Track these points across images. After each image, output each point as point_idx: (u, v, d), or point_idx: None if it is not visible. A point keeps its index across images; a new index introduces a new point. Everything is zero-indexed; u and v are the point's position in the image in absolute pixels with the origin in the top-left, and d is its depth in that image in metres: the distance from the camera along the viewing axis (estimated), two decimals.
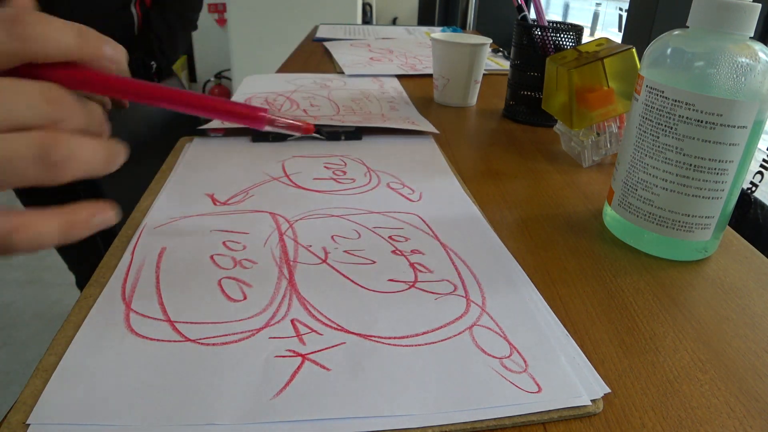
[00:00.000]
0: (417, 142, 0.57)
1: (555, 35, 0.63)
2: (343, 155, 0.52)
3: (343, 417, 0.24)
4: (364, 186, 0.46)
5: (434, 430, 0.23)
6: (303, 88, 0.74)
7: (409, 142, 0.57)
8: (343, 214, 0.41)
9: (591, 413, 0.25)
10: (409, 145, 0.56)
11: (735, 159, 0.34)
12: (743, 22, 0.33)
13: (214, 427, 0.23)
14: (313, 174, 0.48)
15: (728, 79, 0.33)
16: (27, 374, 1.25)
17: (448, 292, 0.32)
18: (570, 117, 0.52)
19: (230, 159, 0.50)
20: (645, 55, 0.38)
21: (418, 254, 0.36)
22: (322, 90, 0.74)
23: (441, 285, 0.33)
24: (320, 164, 0.50)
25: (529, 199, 0.46)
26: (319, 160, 0.51)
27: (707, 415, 0.25)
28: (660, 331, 0.31)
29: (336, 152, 0.53)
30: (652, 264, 0.38)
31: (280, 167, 0.49)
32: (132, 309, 0.29)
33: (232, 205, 0.42)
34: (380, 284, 0.33)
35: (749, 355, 0.29)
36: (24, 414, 0.23)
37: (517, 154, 0.56)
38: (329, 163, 0.50)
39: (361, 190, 0.45)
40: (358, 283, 0.33)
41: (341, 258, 0.35)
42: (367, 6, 3.30)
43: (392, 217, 0.41)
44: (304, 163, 0.50)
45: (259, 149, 0.53)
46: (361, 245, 0.37)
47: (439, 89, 0.72)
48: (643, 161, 0.37)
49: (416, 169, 0.50)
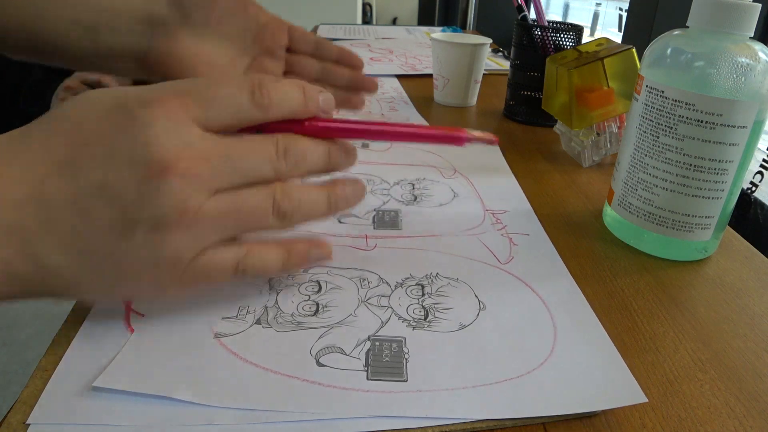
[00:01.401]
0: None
1: (555, 35, 0.63)
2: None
3: (343, 417, 0.24)
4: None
5: (434, 430, 0.23)
6: None
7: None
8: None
9: (591, 413, 0.25)
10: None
11: (735, 159, 0.34)
12: (743, 22, 0.33)
13: (214, 427, 0.23)
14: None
15: (728, 79, 0.33)
16: (27, 374, 1.25)
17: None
18: (570, 117, 0.52)
19: None
20: (645, 55, 0.37)
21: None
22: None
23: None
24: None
25: (529, 199, 0.46)
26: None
27: (707, 415, 0.25)
28: (660, 331, 0.31)
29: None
30: (652, 264, 0.38)
31: None
32: (132, 309, 0.29)
33: None
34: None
35: (749, 355, 0.29)
36: (24, 414, 0.23)
37: (517, 154, 0.56)
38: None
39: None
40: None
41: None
42: (367, 6, 3.30)
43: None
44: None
45: None
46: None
47: (439, 89, 0.72)
48: (643, 161, 0.37)
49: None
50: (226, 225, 0.25)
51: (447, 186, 0.47)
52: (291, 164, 0.27)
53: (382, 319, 0.30)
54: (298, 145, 0.27)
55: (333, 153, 0.29)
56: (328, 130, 0.28)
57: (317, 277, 0.33)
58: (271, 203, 0.26)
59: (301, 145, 0.27)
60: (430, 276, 0.34)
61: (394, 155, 0.53)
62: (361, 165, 0.50)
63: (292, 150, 0.27)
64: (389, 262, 0.35)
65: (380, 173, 0.48)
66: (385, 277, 0.33)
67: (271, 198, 0.26)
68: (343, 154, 0.29)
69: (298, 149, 0.27)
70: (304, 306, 0.30)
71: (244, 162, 0.25)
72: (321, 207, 0.28)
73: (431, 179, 0.48)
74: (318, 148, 0.28)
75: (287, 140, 0.27)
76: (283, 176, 0.27)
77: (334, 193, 0.29)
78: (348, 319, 0.29)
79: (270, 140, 0.26)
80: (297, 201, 0.27)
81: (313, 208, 0.28)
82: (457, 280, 0.33)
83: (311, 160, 0.28)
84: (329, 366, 0.26)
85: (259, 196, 0.26)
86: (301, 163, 0.27)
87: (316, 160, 0.28)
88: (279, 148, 0.26)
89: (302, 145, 0.27)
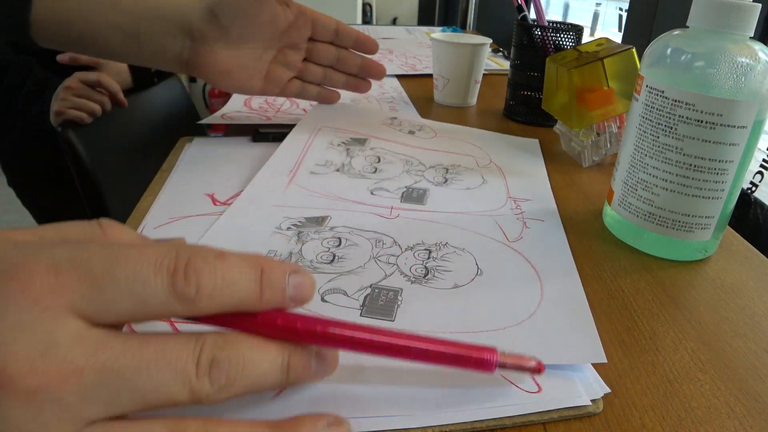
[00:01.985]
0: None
1: (555, 35, 0.63)
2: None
3: (343, 417, 0.24)
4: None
5: (434, 430, 0.23)
6: None
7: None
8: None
9: (591, 413, 0.25)
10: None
11: (735, 159, 0.34)
12: (743, 22, 0.33)
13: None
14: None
15: (728, 79, 0.33)
16: None
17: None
18: (570, 117, 0.52)
19: (230, 159, 0.50)
20: (645, 55, 0.37)
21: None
22: None
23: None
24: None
25: None
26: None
27: (707, 415, 0.25)
28: (660, 331, 0.31)
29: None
30: (652, 264, 0.38)
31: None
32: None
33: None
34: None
35: (749, 355, 0.29)
36: None
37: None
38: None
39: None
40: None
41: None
42: (367, 6, 3.30)
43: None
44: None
45: (260, 149, 0.52)
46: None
47: (439, 89, 0.72)
48: (643, 161, 0.37)
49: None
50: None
51: (479, 174, 0.49)
52: (219, 383, 0.18)
53: (386, 272, 0.33)
54: (237, 352, 0.18)
55: (295, 362, 0.20)
56: (293, 331, 0.20)
57: (340, 234, 0.37)
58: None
59: (242, 350, 0.18)
60: (439, 244, 0.37)
61: (439, 142, 0.56)
62: (401, 146, 0.53)
63: (224, 360, 0.18)
64: (406, 230, 0.38)
65: (420, 156, 0.51)
66: (399, 241, 0.37)
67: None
68: (313, 361, 0.21)
69: (234, 357, 0.18)
70: (323, 255, 0.34)
71: (142, 379, 0.17)
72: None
73: (466, 166, 0.50)
74: (268, 355, 0.19)
75: (219, 343, 0.18)
76: (203, 400, 0.18)
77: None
78: (356, 270, 0.33)
79: (190, 343, 0.18)
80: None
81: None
82: (464, 250, 0.36)
83: (255, 373, 0.19)
84: (331, 303, 0.30)
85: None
86: (237, 378, 0.18)
87: (263, 372, 0.19)
88: (203, 357, 0.18)
89: (243, 351, 0.18)
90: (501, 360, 0.23)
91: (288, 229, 0.37)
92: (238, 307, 0.19)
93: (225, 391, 0.18)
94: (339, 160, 0.48)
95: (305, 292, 0.20)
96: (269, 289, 0.19)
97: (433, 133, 0.58)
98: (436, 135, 0.57)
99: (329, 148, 0.50)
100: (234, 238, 0.36)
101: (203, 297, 0.18)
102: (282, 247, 0.35)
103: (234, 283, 0.18)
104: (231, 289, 0.18)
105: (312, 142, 0.50)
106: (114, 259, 0.17)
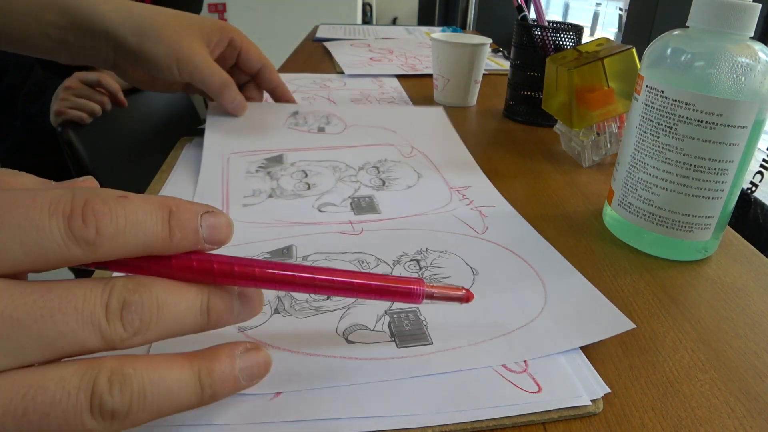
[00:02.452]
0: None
1: (555, 35, 0.63)
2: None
3: (343, 417, 0.24)
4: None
5: (434, 430, 0.23)
6: (303, 89, 0.74)
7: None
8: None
9: (591, 413, 0.25)
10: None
11: (735, 159, 0.34)
12: (743, 22, 0.33)
13: (214, 427, 0.23)
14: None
15: (728, 79, 0.33)
16: None
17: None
18: (570, 117, 0.52)
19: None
20: (645, 55, 0.38)
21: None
22: (322, 90, 0.74)
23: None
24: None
25: (529, 199, 0.46)
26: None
27: (707, 415, 0.25)
28: (660, 331, 0.31)
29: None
30: (652, 264, 0.38)
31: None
32: None
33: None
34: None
35: (749, 355, 0.29)
36: None
37: (517, 154, 0.56)
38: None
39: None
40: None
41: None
42: (367, 6, 3.30)
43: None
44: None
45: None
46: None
47: (439, 89, 0.72)
48: (643, 161, 0.37)
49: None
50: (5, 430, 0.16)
51: (409, 167, 0.49)
52: (133, 326, 0.17)
53: None
54: (151, 295, 0.18)
55: (216, 304, 0.20)
56: (210, 272, 0.19)
57: (320, 262, 0.34)
58: (88, 395, 0.16)
59: (156, 292, 0.18)
60: (421, 251, 0.36)
61: (353, 135, 0.55)
62: (319, 151, 0.51)
63: (136, 302, 0.17)
64: (380, 244, 0.37)
65: (343, 158, 0.50)
66: (381, 257, 0.35)
67: (88, 385, 0.16)
68: (236, 303, 0.20)
69: (147, 300, 0.18)
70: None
71: (46, 326, 0.16)
72: (183, 398, 0.18)
73: (393, 160, 0.50)
74: (185, 297, 0.19)
75: (130, 286, 0.17)
76: (118, 345, 0.17)
77: (211, 375, 0.19)
78: (359, 300, 0.30)
79: (98, 288, 0.17)
80: (138, 391, 0.17)
81: (168, 401, 0.18)
82: (446, 252, 0.36)
83: (172, 316, 0.18)
84: (359, 342, 0.28)
85: (67, 383, 0.16)
86: (152, 321, 0.18)
87: (181, 314, 0.18)
88: (112, 300, 0.17)
89: (157, 294, 0.18)
90: (428, 291, 0.24)
91: None
92: (147, 251, 0.18)
93: (141, 336, 0.17)
94: (266, 186, 0.44)
95: (221, 233, 0.19)
96: (179, 231, 0.18)
97: (342, 124, 0.57)
98: (346, 127, 0.56)
99: (249, 177, 0.45)
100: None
101: (104, 240, 0.17)
102: (264, 294, 0.32)
103: (138, 224, 0.17)
104: (135, 230, 0.17)
105: (228, 175, 0.45)
106: (4, 205, 0.16)
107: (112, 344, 0.17)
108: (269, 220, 0.39)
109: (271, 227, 0.38)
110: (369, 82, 0.81)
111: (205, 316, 0.19)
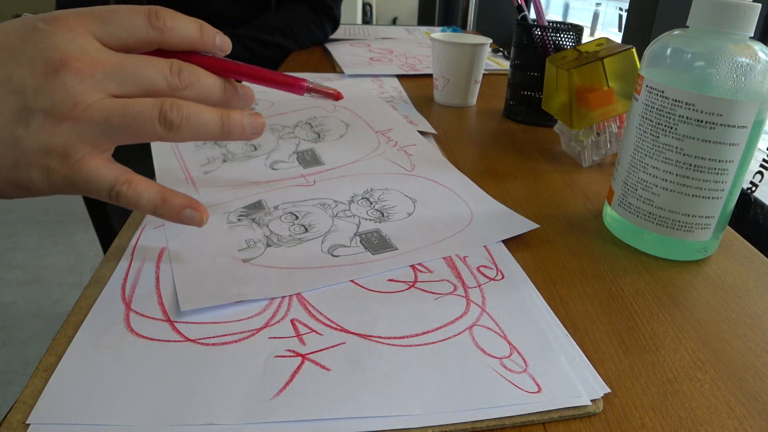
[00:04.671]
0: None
1: (555, 35, 0.63)
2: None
3: (342, 417, 0.24)
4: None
5: (434, 430, 0.23)
6: None
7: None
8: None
9: (591, 413, 0.25)
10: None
11: (735, 159, 0.34)
12: (743, 22, 0.33)
13: (214, 427, 0.23)
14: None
15: (728, 79, 0.33)
16: (27, 374, 1.25)
17: (448, 292, 0.33)
18: (570, 117, 0.52)
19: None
20: (645, 55, 0.37)
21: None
22: None
23: (441, 285, 0.33)
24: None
25: (529, 199, 0.46)
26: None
27: (707, 415, 0.25)
28: (660, 331, 0.31)
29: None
30: (652, 264, 0.38)
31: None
32: (132, 309, 0.29)
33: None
34: (380, 284, 0.33)
35: (749, 355, 0.29)
36: (24, 414, 0.23)
37: (517, 154, 0.56)
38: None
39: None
40: (358, 283, 0.33)
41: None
42: (367, 6, 3.30)
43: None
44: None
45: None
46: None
47: (439, 89, 0.72)
48: (643, 161, 0.37)
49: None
50: (112, 124, 0.27)
51: (337, 119, 0.57)
52: (185, 82, 0.29)
53: (355, 222, 0.39)
54: (193, 69, 0.29)
55: (228, 88, 0.31)
56: (223, 68, 0.31)
57: (289, 209, 0.41)
58: (158, 111, 0.27)
59: (196, 70, 0.29)
60: (368, 191, 0.44)
61: (279, 108, 0.60)
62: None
63: (187, 71, 0.29)
64: (333, 189, 0.44)
65: (278, 122, 0.56)
66: (339, 199, 0.42)
67: (158, 106, 0.27)
68: (240, 92, 0.32)
69: (192, 72, 0.29)
70: (295, 228, 0.38)
71: (138, 71, 0.27)
72: (212, 127, 0.29)
73: (321, 116, 0.58)
74: (212, 78, 0.30)
75: (182, 63, 0.29)
76: (176, 91, 0.28)
77: (229, 117, 0.30)
78: (333, 228, 0.38)
79: (165, 60, 0.29)
80: (186, 114, 0.28)
81: (203, 125, 0.29)
82: (387, 189, 0.44)
83: (205, 86, 0.30)
84: (343, 255, 0.35)
85: (148, 103, 0.27)
86: (194, 84, 0.29)
87: (210, 87, 0.30)
88: (173, 67, 0.28)
89: (197, 71, 0.29)
90: (310, 86, 0.32)
91: (239, 219, 0.39)
92: (190, 44, 0.30)
93: (189, 89, 0.29)
94: (217, 153, 0.49)
95: (227, 45, 0.31)
96: (207, 35, 0.30)
97: (269, 102, 0.62)
98: (272, 104, 0.61)
99: (199, 148, 0.50)
100: (195, 240, 0.36)
101: (168, 29, 0.28)
102: (251, 234, 0.37)
103: (186, 26, 0.29)
104: (185, 28, 0.29)
105: (179, 150, 0.50)
106: (114, 8, 0.28)
107: (175, 88, 0.28)
108: (232, 182, 0.44)
109: (237, 188, 0.44)
110: (369, 82, 0.81)
111: (223, 93, 0.31)
